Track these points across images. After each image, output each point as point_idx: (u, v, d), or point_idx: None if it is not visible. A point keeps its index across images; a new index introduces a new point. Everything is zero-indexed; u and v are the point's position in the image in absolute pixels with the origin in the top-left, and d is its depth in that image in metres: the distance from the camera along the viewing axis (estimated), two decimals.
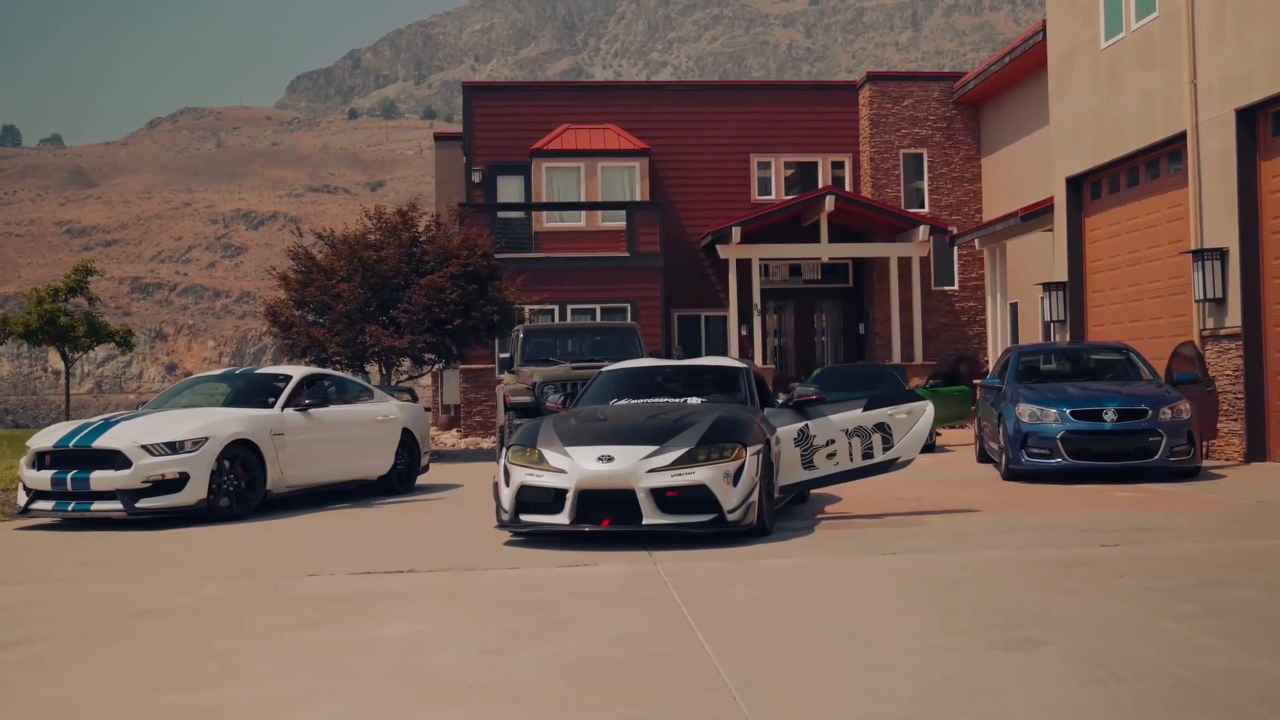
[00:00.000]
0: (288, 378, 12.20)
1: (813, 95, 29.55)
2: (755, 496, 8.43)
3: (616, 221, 25.90)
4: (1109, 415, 12.32)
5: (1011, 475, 12.80)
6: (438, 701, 4.55)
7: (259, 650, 5.44)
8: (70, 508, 10.31)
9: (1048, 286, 19.25)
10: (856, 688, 4.62)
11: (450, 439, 24.64)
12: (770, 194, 28.01)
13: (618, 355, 15.57)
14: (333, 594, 6.84)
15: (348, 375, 15.21)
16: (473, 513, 10.39)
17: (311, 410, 11.81)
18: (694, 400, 9.78)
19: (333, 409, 12.22)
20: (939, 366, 26.05)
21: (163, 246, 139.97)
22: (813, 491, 10.63)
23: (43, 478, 10.36)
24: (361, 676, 4.93)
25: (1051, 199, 19.49)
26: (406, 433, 13.03)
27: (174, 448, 10.30)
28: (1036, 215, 19.85)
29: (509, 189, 27.79)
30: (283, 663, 5.20)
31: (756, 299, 26.04)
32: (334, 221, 20.96)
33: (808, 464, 9.63)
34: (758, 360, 25.85)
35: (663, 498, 8.22)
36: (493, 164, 27.70)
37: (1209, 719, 4.15)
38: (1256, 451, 14.15)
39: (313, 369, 13.40)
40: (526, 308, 22.81)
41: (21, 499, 10.58)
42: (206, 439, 10.46)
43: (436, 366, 22.26)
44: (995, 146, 26.70)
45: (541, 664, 5.08)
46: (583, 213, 26.89)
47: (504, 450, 9.03)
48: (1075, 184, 18.75)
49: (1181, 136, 15.45)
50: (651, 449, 8.34)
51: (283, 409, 11.61)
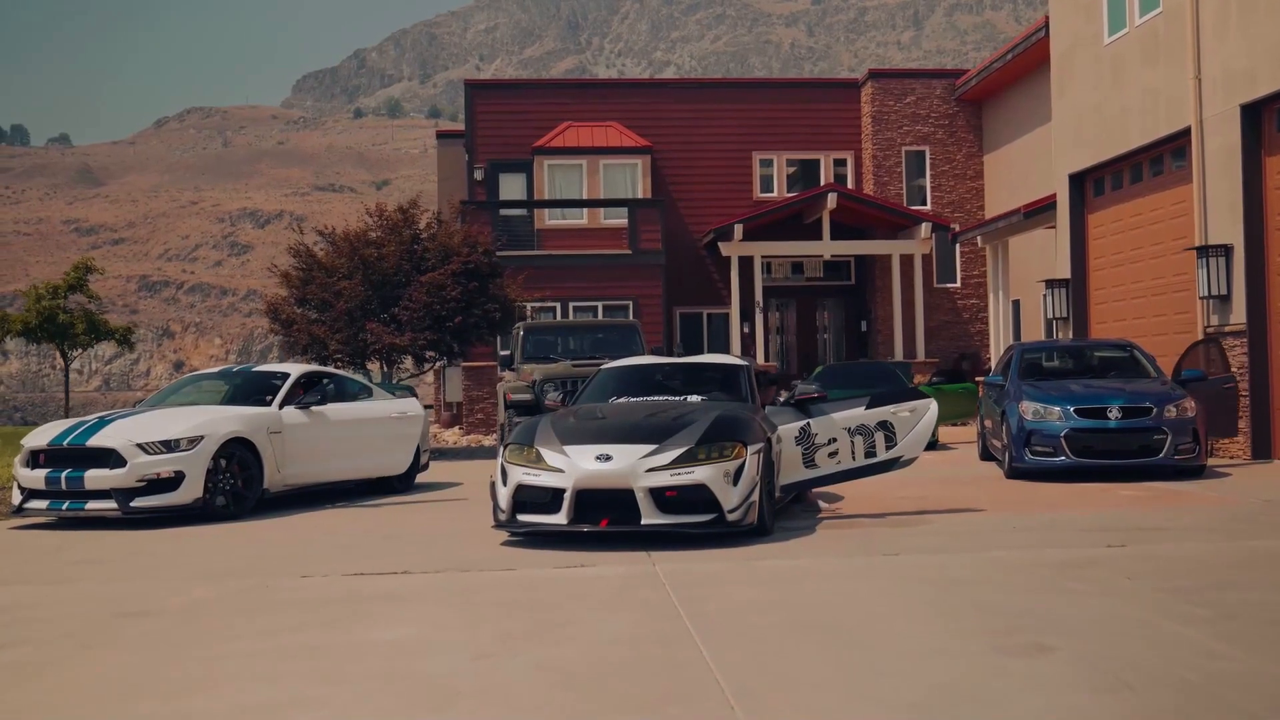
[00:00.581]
0: (285, 375, 12.03)
1: (815, 93, 29.35)
2: (756, 496, 8.25)
3: (618, 219, 25.73)
4: (1113, 413, 12.12)
5: (1015, 473, 12.61)
6: (425, 711, 4.38)
7: (245, 654, 5.28)
8: (65, 507, 10.15)
9: (1050, 284, 19.05)
10: (857, 694, 4.45)
11: (452, 436, 24.48)
12: (772, 191, 27.81)
13: (619, 353, 15.41)
14: (325, 595, 6.67)
15: (348, 373, 15.01)
16: (471, 512, 10.22)
17: (314, 408, 11.65)
18: (694, 398, 9.60)
19: (340, 406, 12.04)
20: (941, 364, 25.86)
21: (170, 245, 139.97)
22: (815, 490, 10.45)
23: (37, 477, 10.20)
24: (348, 683, 4.76)
25: (1054, 196, 19.29)
26: None
27: (169, 446, 10.13)
28: (1039, 212, 19.65)
29: (511, 186, 27.62)
30: (268, 668, 5.03)
31: (758, 296, 25.86)
32: (340, 220, 20.81)
33: (809, 463, 9.44)
34: (760, 358, 25.66)
35: (662, 497, 8.04)
36: (495, 162, 27.53)
37: None
38: (1261, 450, 13.95)
39: (311, 367, 13.21)
40: (529, 305, 22.64)
41: (16, 498, 10.41)
42: (202, 438, 10.29)
43: (438, 364, 22.07)
44: (997, 144, 26.49)
45: (534, 669, 4.91)
46: (585, 210, 26.71)
47: (501, 449, 8.86)
48: (1078, 181, 18.55)
49: (1185, 133, 15.24)
50: (650, 448, 8.16)
51: (280, 407, 11.45)
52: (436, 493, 12.78)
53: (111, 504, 10.01)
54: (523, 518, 8.35)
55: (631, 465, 8.03)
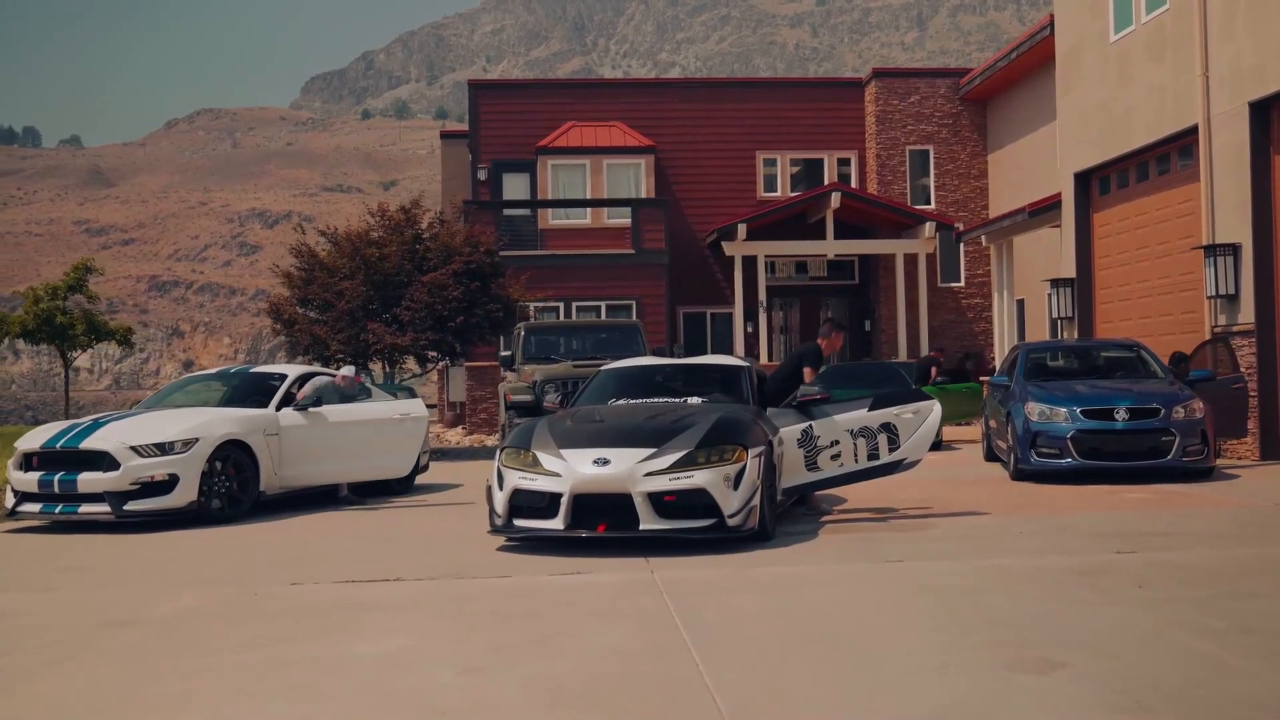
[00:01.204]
0: (283, 377, 11.81)
1: (818, 92, 29.09)
2: (756, 500, 8.02)
3: (622, 219, 25.49)
4: (1120, 414, 11.87)
5: (1020, 475, 12.36)
6: None
7: (227, 668, 5.06)
8: (58, 510, 9.94)
9: (1055, 283, 18.79)
10: (858, 711, 4.21)
11: (455, 437, 24.28)
12: (776, 191, 27.56)
13: (620, 353, 15.18)
14: (313, 604, 6.45)
15: None
16: (469, 515, 9.99)
17: (313, 409, 11.42)
18: (694, 400, 9.36)
19: (339, 407, 11.79)
20: (945, 364, 25.59)
21: (179, 245, 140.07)
22: (820, 492, 10.21)
23: (30, 479, 9.99)
24: (329, 699, 4.54)
25: (1059, 195, 19.02)
26: None
27: (163, 449, 9.92)
28: (1044, 211, 19.38)
29: (515, 186, 27.41)
30: (248, 683, 4.80)
31: (762, 296, 25.61)
32: (347, 221, 20.57)
33: (811, 465, 9.21)
34: (763, 358, 25.42)
35: (660, 502, 7.81)
36: (498, 161, 27.31)
37: None
38: (1271, 450, 13.69)
39: (309, 368, 12.98)
40: (531, 305, 22.42)
41: (9, 501, 10.21)
42: (197, 440, 10.08)
43: (441, 364, 21.87)
44: (1002, 143, 26.22)
45: (523, 684, 4.68)
46: (588, 210, 26.50)
47: (498, 452, 8.63)
48: (1083, 179, 18.28)
49: (1192, 130, 14.97)
50: (649, 451, 7.92)
51: (277, 408, 11.23)
52: (436, 494, 12.57)
53: (105, 507, 9.81)
54: (519, 523, 8.12)
55: (629, 469, 7.80)
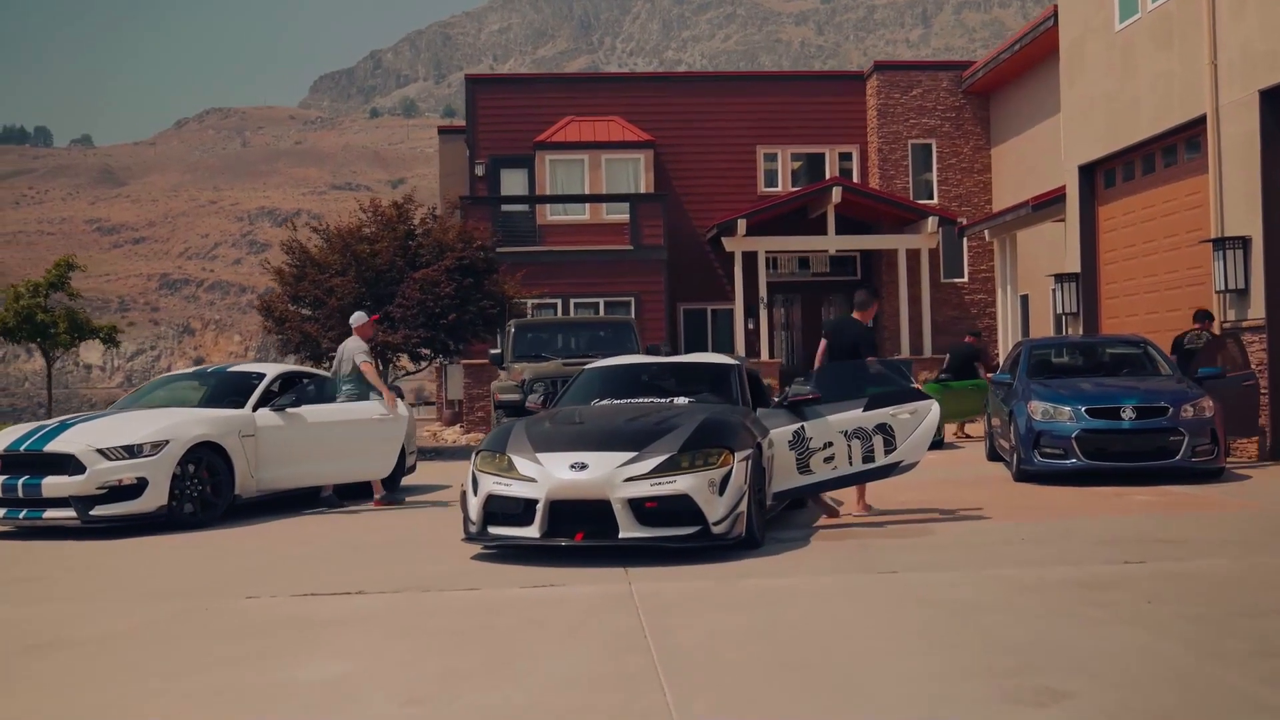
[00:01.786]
0: (261, 376, 11.35)
1: (820, 86, 28.59)
2: (743, 506, 7.52)
3: (621, 214, 24.98)
4: (1127, 413, 11.34)
5: (1023, 476, 11.84)
6: None
7: (155, 696, 4.58)
8: (22, 515, 9.48)
9: (1059, 278, 18.25)
10: None
11: (452, 435, 23.81)
12: (776, 186, 27.04)
13: (613, 351, 14.69)
14: (265, 620, 5.98)
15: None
16: (447, 520, 9.50)
17: (290, 409, 10.94)
18: (681, 400, 8.86)
19: (319, 408, 11.28)
20: (950, 360, 25.08)
21: (190, 243, 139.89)
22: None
23: None
24: None
25: (1063, 188, 18.48)
26: None
27: (131, 451, 9.45)
28: (1048, 205, 18.85)
29: (513, 182, 26.93)
30: (177, 715, 4.33)
31: (763, 292, 25.11)
32: (338, 217, 20.10)
33: (803, 468, 8.71)
34: (764, 355, 24.92)
35: (641, 508, 7.31)
36: (496, 157, 26.84)
37: None
38: None
39: (289, 366, 12.50)
40: (529, 302, 21.93)
41: None
42: (167, 442, 9.61)
43: (436, 362, 21.38)
44: (1005, 136, 25.66)
45: (471, 718, 4.20)
46: (586, 206, 26.02)
47: (473, 455, 8.15)
48: (1088, 172, 17.75)
49: (1201, 120, 14.42)
50: (629, 455, 7.43)
51: (254, 409, 10.76)
52: (420, 495, 12.10)
53: (70, 512, 9.35)
54: (494, 530, 7.64)
55: (608, 474, 7.31)
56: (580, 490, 7.32)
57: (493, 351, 17.24)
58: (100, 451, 9.40)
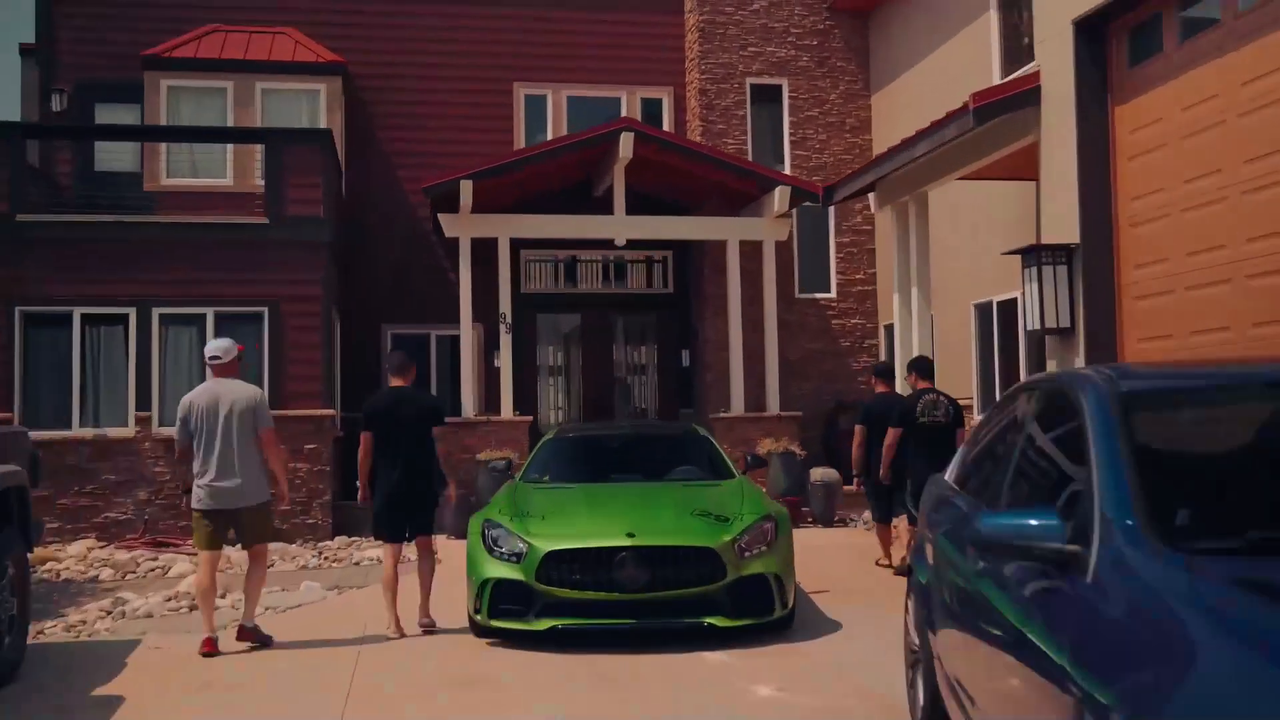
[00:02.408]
0: None
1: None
2: None
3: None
4: None
5: None
6: None
7: None
8: None
9: (1034, 255, 8.74)
10: None
11: None
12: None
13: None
14: None
15: None
16: None
17: None
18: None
19: None
20: (807, 416, 15.49)
21: None
22: None
23: None
24: None
25: (1033, 77, 9.09)
26: None
27: None
28: (1004, 108, 9.26)
29: (114, 121, 16.45)
30: None
31: (505, 306, 15.05)
32: None
33: None
34: (505, 405, 14.82)
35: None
36: (87, 82, 16.29)
37: None
38: None
39: None
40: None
41: None
42: None
43: None
44: (895, 71, 16.38)
45: None
46: (229, 165, 15.65)
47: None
48: (1094, 32, 8.38)
49: None
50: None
51: None
52: None
53: None
54: None
55: None
56: None
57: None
58: None
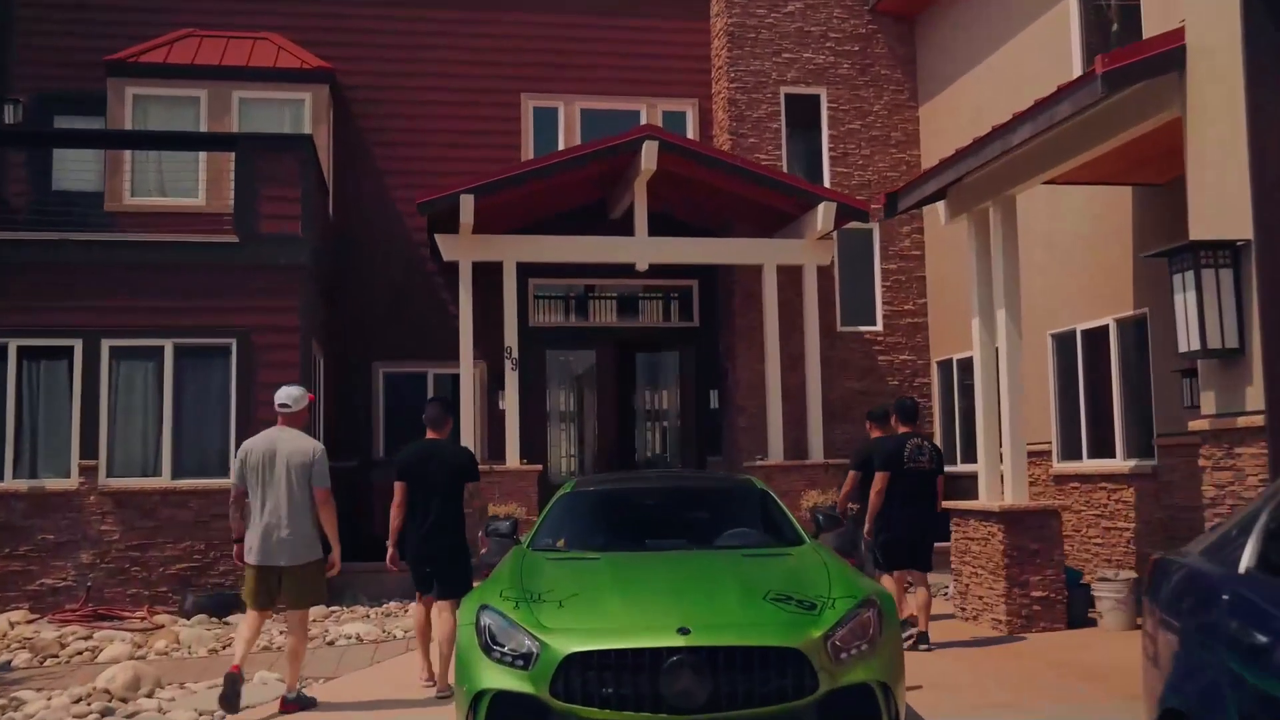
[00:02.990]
0: None
1: (631, 3, 16.57)
2: None
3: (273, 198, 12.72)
4: None
5: None
6: None
7: None
8: None
9: (1188, 256, 6.81)
10: None
11: None
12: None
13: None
14: None
15: None
16: None
17: None
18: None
19: None
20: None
21: None
22: None
23: None
24: None
25: (1167, 38, 7.21)
26: None
27: None
28: (1144, 72, 7.35)
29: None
30: None
31: (511, 340, 13.13)
32: None
33: None
34: (510, 453, 12.87)
35: None
36: (47, 95, 14.52)
37: None
38: None
39: None
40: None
41: None
42: None
43: None
44: (945, 79, 14.59)
45: None
46: (201, 183, 13.80)
47: None
48: None
49: None
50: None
51: None
52: None
53: None
54: None
55: None
56: None
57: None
58: None
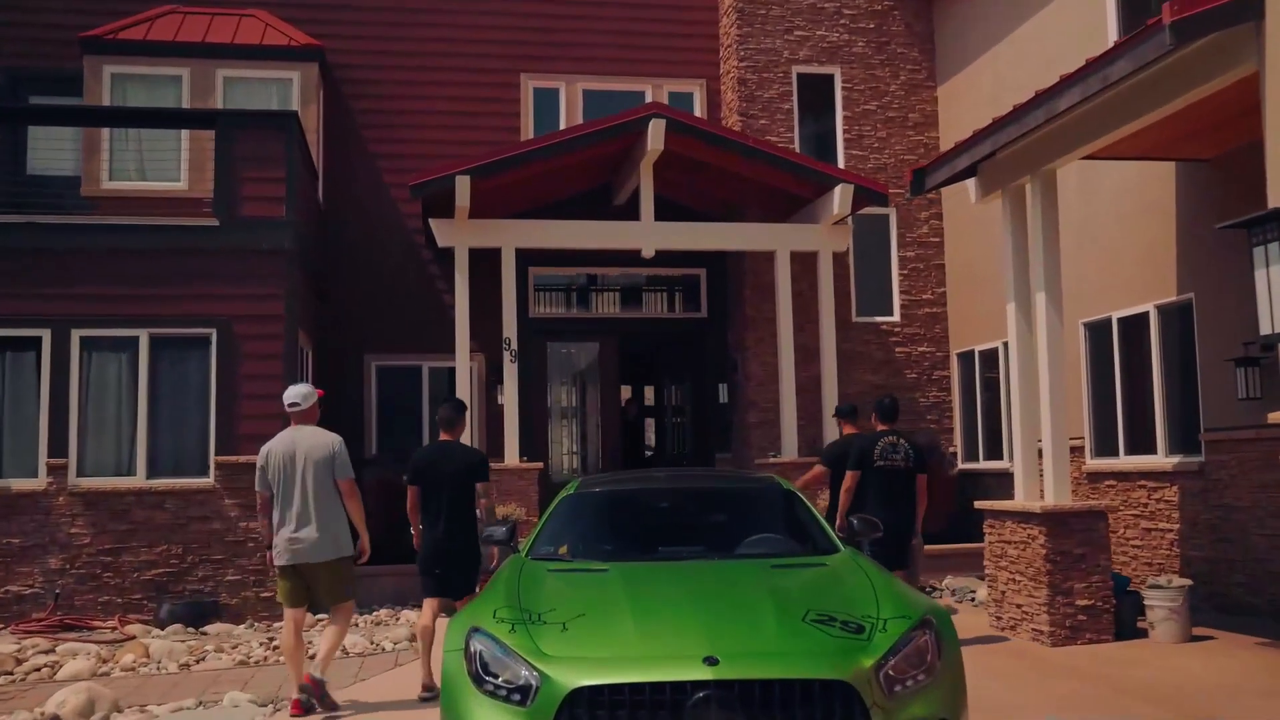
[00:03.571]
0: None
1: None
2: None
3: (258, 184, 11.92)
4: None
5: None
6: None
7: None
8: None
9: (1271, 226, 6.04)
10: None
11: None
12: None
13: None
14: None
15: None
16: None
17: None
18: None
19: None
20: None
21: None
22: None
23: None
24: None
25: None
26: None
27: None
28: (1218, 20, 6.56)
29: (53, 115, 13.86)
30: None
31: (509, 331, 12.35)
32: None
33: None
34: (508, 450, 12.09)
35: None
36: (18, 71, 13.74)
37: None
38: None
39: None
40: None
41: None
42: None
43: None
44: (965, 57, 13.83)
45: None
46: (183, 166, 13.00)
47: None
48: None
49: None
50: None
51: None
52: None
53: None
54: None
55: None
56: None
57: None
58: None
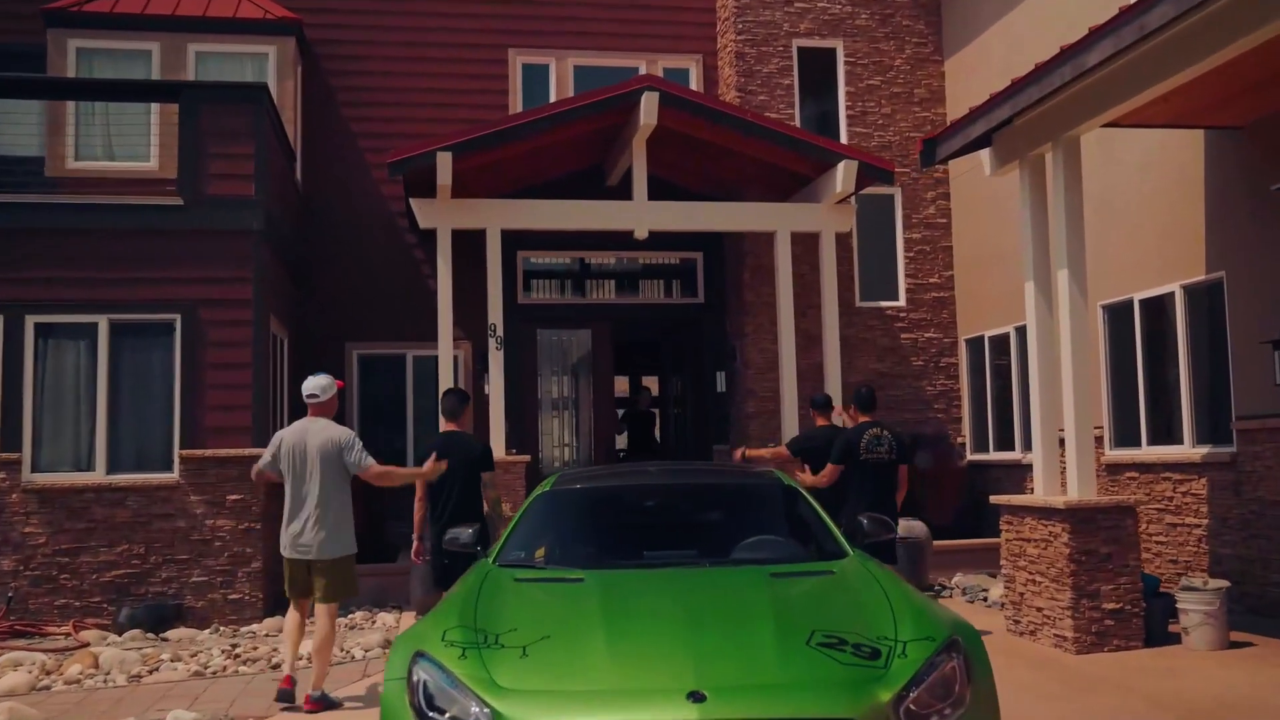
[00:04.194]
0: None
1: None
2: None
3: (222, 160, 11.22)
4: None
5: None
6: None
7: None
8: None
9: None
10: None
11: None
12: None
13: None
14: None
15: None
16: None
17: None
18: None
19: None
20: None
21: None
22: None
23: None
24: None
25: None
26: None
27: None
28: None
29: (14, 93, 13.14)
30: None
31: (495, 316, 11.64)
32: None
33: None
34: (498, 446, 11.40)
35: None
36: None
37: None
38: None
39: None
40: None
41: None
42: None
43: None
44: (974, 29, 13.11)
45: None
46: (153, 145, 12.25)
47: None
48: None
49: None
50: None
51: None
52: None
53: None
54: None
55: None
56: None
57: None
58: None
